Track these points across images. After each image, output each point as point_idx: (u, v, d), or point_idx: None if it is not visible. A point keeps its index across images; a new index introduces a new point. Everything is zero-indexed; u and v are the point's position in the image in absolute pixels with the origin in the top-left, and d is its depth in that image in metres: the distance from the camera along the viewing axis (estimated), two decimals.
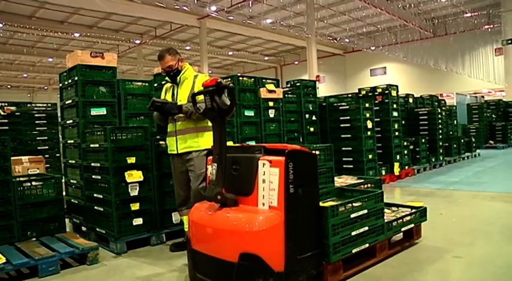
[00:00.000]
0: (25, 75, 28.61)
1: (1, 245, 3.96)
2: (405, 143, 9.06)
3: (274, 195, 2.76)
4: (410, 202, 4.52)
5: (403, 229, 3.88)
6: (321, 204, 3.13)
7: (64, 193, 4.88)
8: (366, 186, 4.44)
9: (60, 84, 5.23)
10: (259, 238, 2.65)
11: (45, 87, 32.63)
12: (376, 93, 8.81)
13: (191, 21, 17.87)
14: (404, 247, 3.92)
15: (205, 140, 3.82)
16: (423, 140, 9.89)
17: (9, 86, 31.28)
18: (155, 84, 5.72)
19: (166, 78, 4.05)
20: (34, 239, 4.21)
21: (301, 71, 23.58)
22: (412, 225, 3.99)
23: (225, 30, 19.81)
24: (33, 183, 4.35)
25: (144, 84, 5.19)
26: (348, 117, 7.84)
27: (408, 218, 3.95)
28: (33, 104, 8.37)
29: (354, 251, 3.25)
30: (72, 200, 5.10)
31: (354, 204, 3.35)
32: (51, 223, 4.40)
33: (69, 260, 3.96)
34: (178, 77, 3.96)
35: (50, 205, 4.38)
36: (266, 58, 28.64)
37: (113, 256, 4.12)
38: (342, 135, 7.92)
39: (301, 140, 7.39)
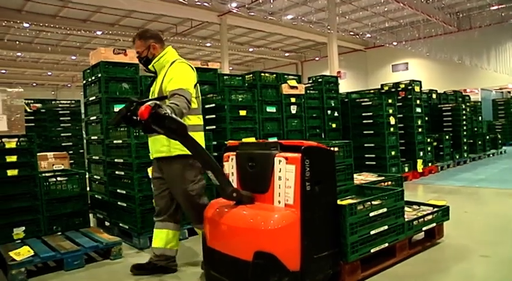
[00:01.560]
0: (49, 73, 29.11)
1: (29, 238, 4.07)
2: (428, 140, 8.95)
3: (290, 193, 2.70)
4: (432, 200, 4.40)
5: (424, 228, 3.77)
6: (338, 202, 3.06)
7: (88, 189, 4.94)
8: (386, 184, 4.34)
9: (84, 81, 5.29)
10: (274, 236, 2.60)
11: (69, 85, 33.16)
12: (399, 89, 8.71)
13: (212, 18, 17.89)
14: (426, 246, 3.82)
15: (179, 144, 2.97)
16: (447, 137, 9.73)
17: (34, 84, 31.90)
18: None
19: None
20: (59, 233, 4.30)
21: (322, 67, 23.39)
22: (434, 224, 3.88)
23: (246, 26, 19.75)
24: (59, 178, 4.44)
25: None
26: (371, 114, 7.77)
27: (430, 217, 3.84)
28: (57, 101, 8.53)
29: (372, 250, 3.18)
30: (96, 196, 5.17)
31: (373, 202, 3.26)
32: (76, 217, 4.48)
33: (93, 254, 4.01)
34: (151, 66, 3.36)
35: (75, 200, 4.47)
36: (286, 54, 28.47)
37: (135, 251, 4.16)
38: (365, 132, 7.86)
39: (323, 136, 7.33)
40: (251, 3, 15.59)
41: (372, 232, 3.17)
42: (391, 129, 7.72)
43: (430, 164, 8.87)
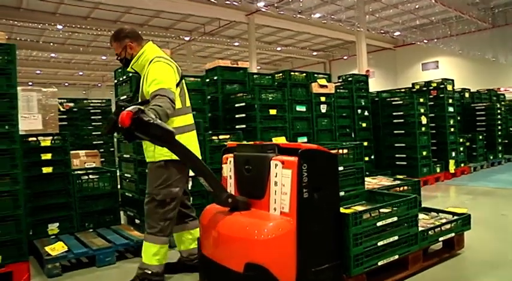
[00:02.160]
0: (81, 73, 29.81)
1: (62, 234, 4.17)
2: (461, 140, 8.74)
3: (286, 200, 2.50)
4: (452, 207, 4.08)
5: (441, 239, 3.48)
6: (343, 210, 2.83)
7: (119, 187, 5.01)
8: (401, 189, 4.06)
9: (115, 81, 5.35)
10: (266, 247, 2.40)
11: (99, 85, 33.86)
12: (431, 87, 8.54)
13: (239, 17, 17.92)
14: (443, 258, 3.51)
15: (163, 149, 2.97)
16: (480, 137, 9.47)
17: (66, 84, 32.72)
18: (207, 80, 5.78)
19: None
20: (91, 230, 4.38)
21: (351, 66, 23.11)
22: (453, 234, 3.56)
23: (274, 25, 19.72)
24: (91, 176, 4.52)
25: (196, 79, 5.23)
26: (402, 113, 7.64)
27: (448, 226, 3.55)
28: (88, 101, 8.70)
29: (380, 263, 2.92)
30: (126, 194, 5.22)
31: (383, 210, 3.01)
32: (107, 215, 4.56)
33: (123, 251, 4.06)
34: (130, 68, 3.23)
35: (106, 198, 4.55)
36: (314, 53, 28.26)
37: None
38: (395, 131, 7.73)
39: (353, 135, 7.24)
40: (279, 2, 15.52)
41: (380, 243, 2.92)
42: (423, 128, 7.57)
43: (462, 164, 8.65)
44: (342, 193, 3.38)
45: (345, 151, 3.61)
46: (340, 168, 3.37)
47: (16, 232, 3.40)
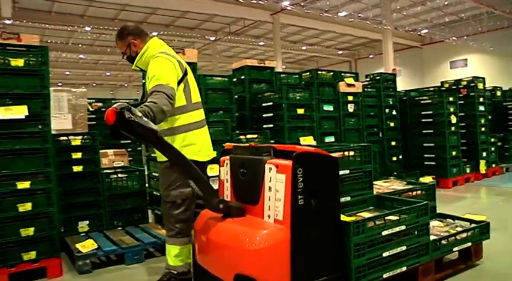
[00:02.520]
0: (108, 73, 30.34)
1: (92, 232, 4.25)
2: (492, 140, 8.51)
3: (280, 206, 2.33)
4: (469, 214, 3.81)
5: (455, 249, 3.22)
6: (343, 218, 2.63)
7: (146, 185, 5.06)
8: (414, 193, 3.72)
9: (143, 81, 5.40)
10: (257, 257, 2.22)
11: (126, 85, 34.38)
12: (461, 86, 8.33)
13: (264, 16, 17.91)
14: (458, 270, 3.25)
15: None
16: None
17: (94, 84, 33.38)
18: (234, 79, 5.79)
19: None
20: (120, 228, 4.43)
21: (377, 64, 22.77)
22: (469, 244, 3.30)
23: (299, 24, 19.63)
24: (119, 175, 4.58)
25: (224, 79, 5.25)
26: (431, 112, 7.49)
27: (464, 235, 3.29)
28: (116, 100, 8.83)
29: (385, 276, 2.71)
30: (154, 192, 5.26)
31: (389, 218, 2.79)
32: (135, 213, 4.62)
33: (151, 249, 4.11)
34: (134, 66, 3.16)
35: (135, 196, 4.61)
36: (340, 52, 28.00)
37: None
38: (424, 131, 7.59)
39: (380, 135, 7.13)
40: (305, 0, 15.44)
41: (385, 254, 2.72)
42: (452, 128, 7.40)
43: (494, 165, 8.44)
44: (347, 198, 3.23)
45: (352, 153, 3.39)
46: (346, 171, 3.23)
47: (49, 229, 3.49)
